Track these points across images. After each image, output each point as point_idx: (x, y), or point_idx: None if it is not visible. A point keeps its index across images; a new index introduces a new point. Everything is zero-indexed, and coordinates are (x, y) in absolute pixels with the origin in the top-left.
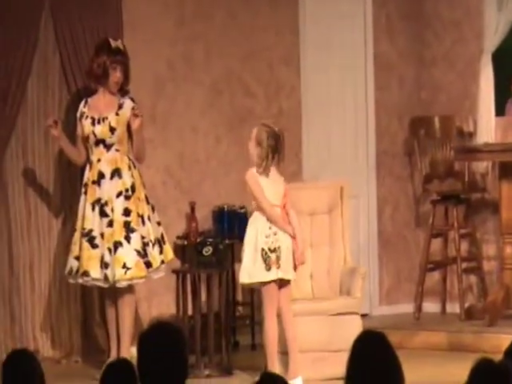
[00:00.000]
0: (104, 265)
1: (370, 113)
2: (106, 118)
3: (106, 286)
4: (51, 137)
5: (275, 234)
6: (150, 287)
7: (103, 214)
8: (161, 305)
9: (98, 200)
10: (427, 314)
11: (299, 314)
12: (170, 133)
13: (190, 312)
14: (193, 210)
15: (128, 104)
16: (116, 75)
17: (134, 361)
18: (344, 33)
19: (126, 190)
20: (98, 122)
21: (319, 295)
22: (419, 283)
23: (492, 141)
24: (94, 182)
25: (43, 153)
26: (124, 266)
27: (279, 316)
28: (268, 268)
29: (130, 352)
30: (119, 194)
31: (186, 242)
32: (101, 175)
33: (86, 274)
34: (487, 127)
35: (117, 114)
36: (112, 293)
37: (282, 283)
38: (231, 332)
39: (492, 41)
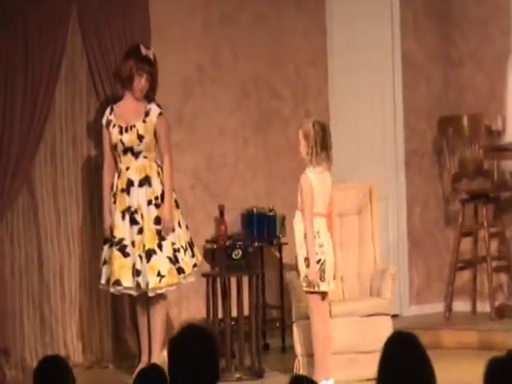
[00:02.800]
0: (136, 272)
1: (398, 113)
2: (134, 126)
3: (136, 293)
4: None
5: (321, 246)
6: (180, 292)
7: (133, 221)
8: (191, 309)
9: (128, 208)
10: (457, 313)
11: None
12: (198, 135)
13: (220, 315)
14: (222, 213)
15: (154, 110)
16: (141, 82)
17: (165, 366)
18: (371, 33)
19: (156, 198)
20: (126, 131)
21: (349, 296)
22: (449, 282)
23: None
24: (122, 190)
25: (72, 158)
26: (158, 274)
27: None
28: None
29: (161, 357)
30: (149, 203)
31: (215, 246)
32: (130, 183)
33: (118, 282)
34: None
35: (144, 122)
36: (143, 299)
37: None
38: (261, 335)
39: None
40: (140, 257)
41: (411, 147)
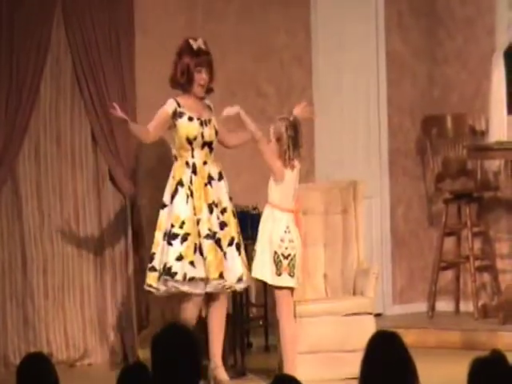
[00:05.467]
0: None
1: (382, 111)
2: (211, 120)
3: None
4: (119, 121)
5: (291, 241)
6: None
7: (217, 216)
8: (175, 307)
9: (212, 202)
10: (441, 312)
11: (313, 314)
12: None
13: (203, 314)
14: None
15: (212, 106)
16: (202, 77)
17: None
18: (356, 31)
19: (228, 192)
20: (206, 124)
21: (333, 295)
22: (432, 282)
23: (504, 139)
24: (205, 184)
25: (55, 155)
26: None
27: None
28: (279, 273)
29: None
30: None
31: None
32: (210, 177)
33: (221, 276)
34: (499, 125)
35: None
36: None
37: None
38: (244, 334)
39: (504, 38)
40: (224, 253)
41: (395, 146)
